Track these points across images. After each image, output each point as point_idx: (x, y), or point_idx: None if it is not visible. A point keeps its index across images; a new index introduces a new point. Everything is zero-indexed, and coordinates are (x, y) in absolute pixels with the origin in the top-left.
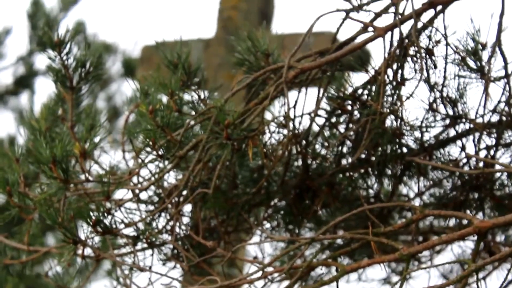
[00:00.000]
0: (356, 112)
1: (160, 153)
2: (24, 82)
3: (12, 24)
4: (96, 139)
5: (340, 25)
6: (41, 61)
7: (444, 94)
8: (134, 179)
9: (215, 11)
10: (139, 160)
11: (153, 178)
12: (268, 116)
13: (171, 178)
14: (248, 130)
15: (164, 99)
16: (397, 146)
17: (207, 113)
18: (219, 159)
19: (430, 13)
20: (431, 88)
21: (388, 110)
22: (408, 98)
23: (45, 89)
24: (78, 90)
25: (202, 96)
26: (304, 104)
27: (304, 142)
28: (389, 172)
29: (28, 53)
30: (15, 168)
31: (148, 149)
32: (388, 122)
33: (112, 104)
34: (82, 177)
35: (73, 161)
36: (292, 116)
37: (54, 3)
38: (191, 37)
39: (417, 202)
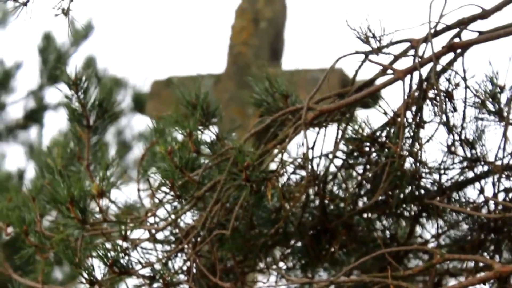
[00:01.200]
0: (374, 154)
1: (178, 193)
2: (34, 116)
3: (23, 58)
4: (113, 179)
5: (359, 67)
6: (51, 95)
7: (463, 137)
8: (151, 219)
9: (225, 46)
10: (156, 200)
11: (169, 219)
12: (284, 156)
13: (187, 218)
14: (266, 172)
15: (179, 136)
16: (415, 188)
17: (225, 154)
18: (237, 200)
19: (450, 56)
20: (450, 130)
21: (406, 153)
22: (428, 141)
23: (54, 123)
24: (95, 129)
25: (219, 136)
26: (322, 146)
27: (322, 183)
28: (406, 213)
29: (39, 87)
30: (31, 207)
31: (166, 189)
32: (406, 165)
33: (122, 138)
34: (98, 216)
35: (88, 199)
36: (310, 157)
37: (65, 37)
38: (201, 72)
39: (432, 244)
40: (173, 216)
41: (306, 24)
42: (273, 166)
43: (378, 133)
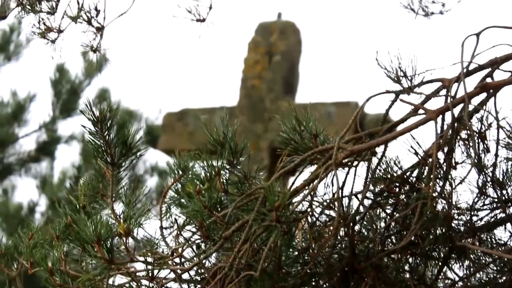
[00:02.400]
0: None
1: (206, 233)
2: (46, 149)
3: (36, 90)
4: (140, 218)
5: (390, 107)
6: (63, 128)
7: (494, 177)
8: (176, 259)
9: (237, 78)
10: (181, 239)
11: (196, 259)
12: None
13: (212, 258)
14: (296, 213)
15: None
16: (446, 230)
17: (253, 193)
18: (265, 240)
19: (482, 96)
20: (481, 171)
21: (437, 194)
22: (460, 183)
23: (66, 156)
24: (119, 166)
25: (247, 175)
26: (352, 185)
27: (351, 224)
28: (435, 254)
29: (51, 120)
30: (56, 245)
31: (193, 229)
32: (438, 206)
33: (134, 172)
34: (122, 254)
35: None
36: (339, 197)
37: (78, 70)
38: (213, 104)
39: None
40: (200, 257)
41: (320, 58)
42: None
43: (408, 173)
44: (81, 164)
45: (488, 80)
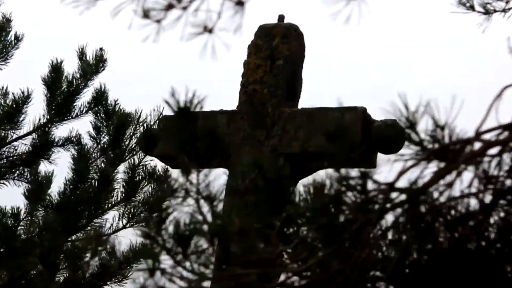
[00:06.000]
0: None
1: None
2: (40, 152)
3: (31, 91)
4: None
5: None
6: (59, 131)
7: None
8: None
9: (237, 82)
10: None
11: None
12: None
13: None
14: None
15: None
16: None
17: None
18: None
19: None
20: None
21: None
22: None
23: (61, 159)
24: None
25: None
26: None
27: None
28: None
29: (46, 121)
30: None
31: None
32: None
33: (132, 177)
34: None
35: None
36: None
37: (74, 69)
38: (213, 108)
39: None
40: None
41: (323, 62)
42: None
43: None
44: (81, 167)
45: None
